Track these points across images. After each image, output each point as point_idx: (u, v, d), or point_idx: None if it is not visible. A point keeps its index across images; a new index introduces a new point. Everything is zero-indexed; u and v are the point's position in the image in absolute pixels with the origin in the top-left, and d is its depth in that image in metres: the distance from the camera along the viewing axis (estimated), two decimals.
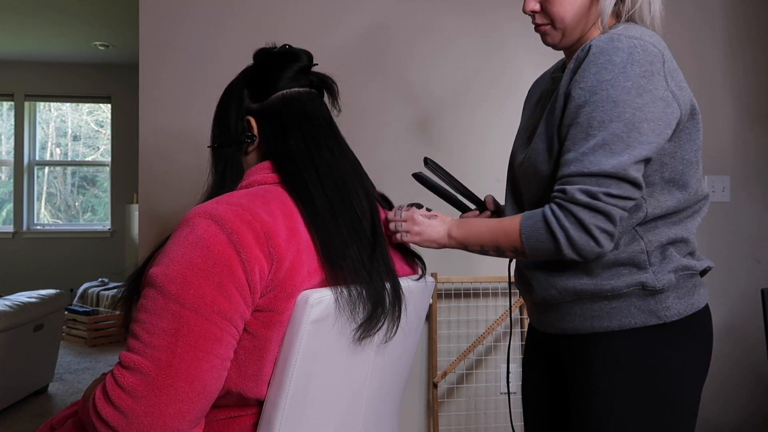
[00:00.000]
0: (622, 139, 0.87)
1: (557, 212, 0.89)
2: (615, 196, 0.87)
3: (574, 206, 0.88)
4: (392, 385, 1.06)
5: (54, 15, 4.25)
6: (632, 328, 0.96)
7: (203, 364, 0.77)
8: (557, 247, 0.90)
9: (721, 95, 2.25)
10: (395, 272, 0.97)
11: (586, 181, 0.88)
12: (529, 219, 0.93)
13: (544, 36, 1.05)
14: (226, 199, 0.86)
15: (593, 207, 0.87)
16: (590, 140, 0.88)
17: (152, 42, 1.92)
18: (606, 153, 0.87)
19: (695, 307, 0.98)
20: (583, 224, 0.87)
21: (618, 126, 0.87)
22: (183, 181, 1.92)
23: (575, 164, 0.89)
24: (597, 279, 0.97)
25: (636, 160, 0.88)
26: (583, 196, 0.87)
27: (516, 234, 0.94)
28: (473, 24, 2.10)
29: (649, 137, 0.88)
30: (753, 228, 2.27)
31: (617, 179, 0.87)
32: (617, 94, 0.88)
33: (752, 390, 2.25)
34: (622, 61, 0.88)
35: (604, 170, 0.87)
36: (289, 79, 1.01)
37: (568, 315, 1.02)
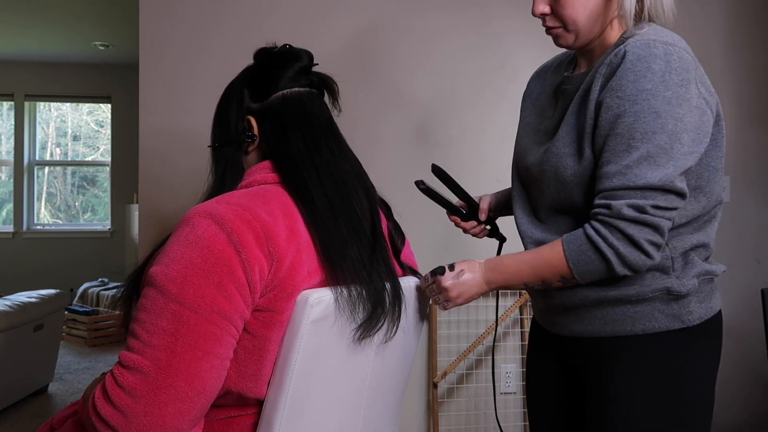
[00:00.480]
0: (666, 151, 0.86)
1: (602, 231, 0.88)
2: (662, 208, 0.86)
3: (621, 222, 0.86)
4: (392, 385, 1.06)
5: (54, 15, 4.25)
6: (656, 332, 0.95)
7: (203, 364, 0.77)
8: (609, 267, 0.88)
9: (721, 95, 2.25)
10: (395, 272, 0.97)
11: (632, 194, 0.86)
12: (573, 243, 0.91)
13: (556, 38, 1.02)
14: (226, 199, 0.86)
15: (641, 221, 0.86)
16: (633, 152, 0.86)
17: (152, 42, 1.92)
18: (651, 166, 0.86)
19: (713, 311, 0.98)
20: (632, 240, 0.86)
21: (661, 138, 0.86)
22: (183, 181, 1.92)
23: (618, 177, 0.87)
24: (622, 285, 0.95)
25: (681, 171, 0.87)
26: (631, 211, 0.86)
27: (562, 263, 0.91)
28: (467, 23, 2.10)
29: (690, 147, 0.88)
30: (753, 228, 2.27)
31: (663, 191, 0.86)
32: (659, 105, 0.86)
33: (752, 390, 2.25)
34: (660, 70, 0.87)
35: (651, 183, 0.85)
36: (289, 78, 1.01)
37: (587, 318, 1.00)
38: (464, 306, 2.08)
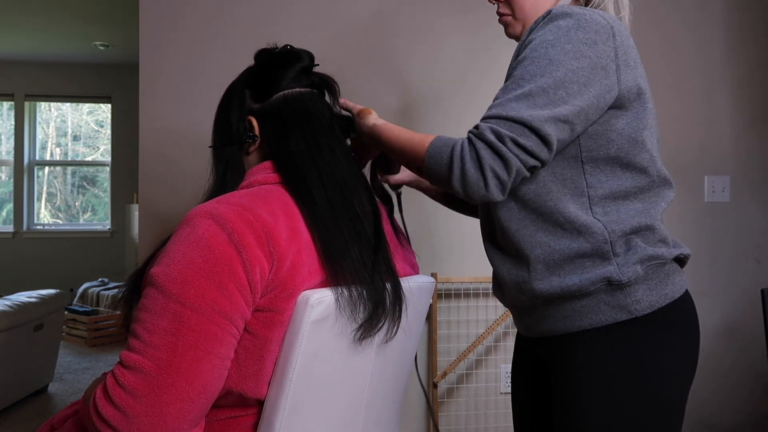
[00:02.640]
0: (547, 94, 0.86)
1: (464, 145, 0.88)
2: (520, 145, 0.85)
3: (480, 143, 0.86)
4: (393, 385, 1.06)
5: (54, 15, 4.25)
6: (603, 325, 0.93)
7: (204, 364, 0.77)
8: (450, 176, 0.89)
9: (721, 95, 2.25)
10: (396, 272, 0.97)
11: (500, 123, 0.86)
12: (439, 141, 0.92)
13: (506, 27, 1.07)
14: (226, 199, 0.86)
15: (495, 148, 0.85)
16: (517, 90, 0.88)
17: (152, 42, 1.92)
18: (527, 103, 0.86)
19: (669, 298, 0.93)
20: (480, 163, 0.86)
21: (546, 81, 0.87)
22: (183, 181, 1.92)
23: (496, 108, 0.88)
24: (563, 278, 0.94)
25: (555, 116, 0.86)
26: (491, 135, 0.86)
27: (422, 149, 0.93)
28: (462, 23, 2.10)
29: (575, 99, 0.87)
30: (753, 228, 2.27)
31: (529, 129, 0.85)
32: (554, 53, 0.88)
33: (752, 390, 2.25)
34: (567, 26, 0.90)
35: (520, 117, 0.85)
36: (290, 79, 1.01)
37: (543, 318, 1.00)
38: (464, 306, 2.09)
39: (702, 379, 2.21)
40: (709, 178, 2.23)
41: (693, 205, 2.22)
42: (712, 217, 2.24)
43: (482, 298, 2.10)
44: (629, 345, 0.92)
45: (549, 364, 1.05)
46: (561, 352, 0.99)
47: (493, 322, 2.08)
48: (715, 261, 2.23)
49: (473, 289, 2.09)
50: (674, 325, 0.94)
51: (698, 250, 2.22)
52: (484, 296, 2.10)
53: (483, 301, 2.10)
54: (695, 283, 2.21)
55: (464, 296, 2.10)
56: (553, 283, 0.95)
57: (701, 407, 2.21)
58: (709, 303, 2.23)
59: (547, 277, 0.95)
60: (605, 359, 0.93)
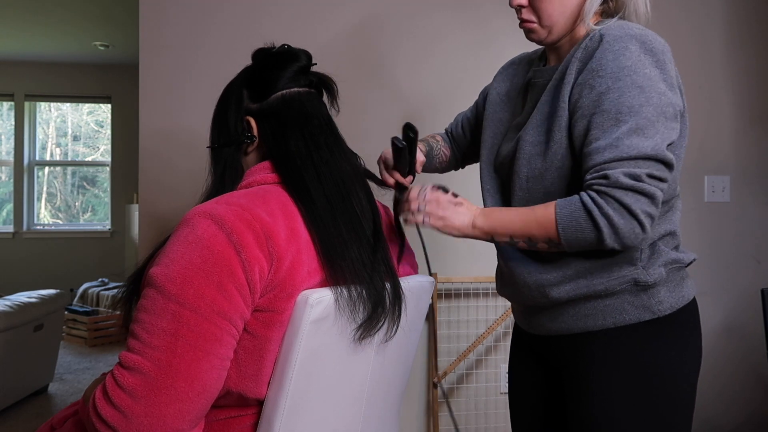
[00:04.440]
0: (653, 124, 0.86)
1: (598, 200, 0.85)
2: (656, 177, 0.86)
3: (618, 191, 0.84)
4: (392, 385, 1.06)
5: (54, 15, 4.25)
6: (627, 324, 0.95)
7: (203, 364, 0.77)
8: (599, 237, 0.86)
9: (721, 95, 2.25)
10: (395, 272, 0.97)
11: (627, 164, 0.85)
12: (565, 208, 0.88)
13: (528, 33, 1.03)
14: (225, 199, 0.86)
15: (638, 189, 0.84)
16: (622, 126, 0.86)
17: (152, 42, 1.92)
18: (641, 137, 0.85)
19: (685, 300, 0.98)
20: (629, 209, 0.84)
21: (648, 110, 0.86)
22: (183, 181, 1.92)
23: (610, 150, 0.86)
24: (591, 280, 0.96)
25: (668, 142, 0.87)
26: (628, 180, 0.84)
27: (551, 224, 0.89)
28: (462, 20, 2.10)
29: (672, 122, 0.89)
30: (753, 228, 2.27)
31: (656, 161, 0.86)
32: (642, 80, 0.87)
33: (753, 390, 2.25)
34: (637, 49, 0.89)
35: (644, 153, 0.85)
36: (288, 79, 1.01)
37: (561, 316, 1.01)
38: (464, 306, 2.09)
39: (702, 379, 2.20)
40: (709, 178, 2.23)
41: (693, 205, 2.22)
42: (712, 217, 2.23)
43: (482, 298, 2.10)
44: (651, 343, 0.95)
45: (562, 364, 1.04)
46: (577, 349, 1.00)
47: (493, 322, 2.07)
48: (715, 261, 2.23)
49: (473, 289, 2.09)
50: (688, 324, 0.98)
51: (698, 250, 2.22)
52: (484, 296, 2.10)
53: (483, 301, 2.10)
54: (696, 284, 2.20)
55: (464, 296, 2.09)
56: (580, 284, 0.96)
57: (702, 407, 2.21)
58: (710, 303, 2.23)
59: (575, 280, 0.97)
60: (628, 357, 0.95)
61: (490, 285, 2.09)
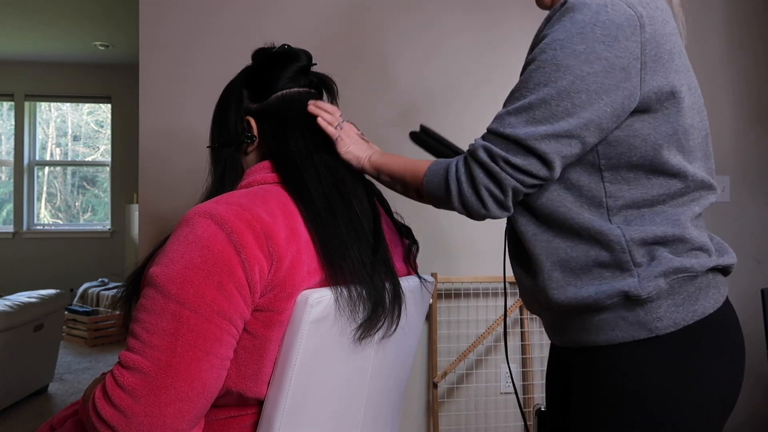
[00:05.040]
0: (549, 106, 0.78)
1: (459, 165, 0.87)
2: (514, 165, 0.81)
3: (473, 163, 0.85)
4: (392, 385, 1.06)
5: (54, 15, 4.25)
6: (620, 342, 0.83)
7: (203, 364, 0.77)
8: (448, 197, 0.88)
9: (721, 95, 2.25)
10: (395, 272, 0.97)
11: (495, 141, 0.83)
12: (436, 165, 0.91)
13: None
14: (225, 199, 0.86)
15: (488, 168, 0.83)
16: (519, 101, 0.81)
17: (152, 42, 1.92)
18: (526, 117, 0.80)
19: (699, 315, 0.81)
20: (474, 183, 0.84)
21: (549, 91, 0.78)
22: (183, 181, 1.92)
23: (495, 121, 0.84)
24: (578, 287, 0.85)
25: (555, 133, 0.78)
26: (484, 155, 0.83)
27: (421, 175, 0.93)
28: (467, 22, 2.10)
29: (582, 111, 0.78)
30: (753, 228, 2.27)
31: (524, 149, 0.80)
32: (563, 57, 0.78)
33: (753, 390, 2.25)
34: (583, 20, 0.78)
35: (515, 135, 0.80)
36: (288, 79, 1.01)
37: (563, 328, 0.93)
38: (464, 306, 2.09)
39: None
40: None
41: None
42: (712, 217, 2.23)
43: (482, 298, 2.10)
44: (644, 367, 0.81)
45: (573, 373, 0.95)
46: (577, 366, 0.92)
47: (493, 322, 2.07)
48: None
49: (473, 289, 2.09)
50: (704, 345, 0.82)
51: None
52: (484, 296, 2.10)
53: (483, 301, 2.10)
54: None
55: (464, 296, 2.09)
56: (569, 293, 0.86)
57: None
58: None
59: (563, 286, 0.87)
60: (616, 381, 0.83)
61: (490, 285, 2.09)
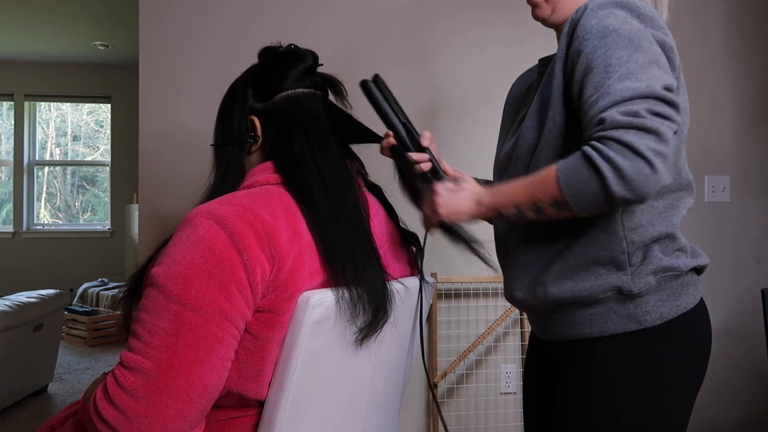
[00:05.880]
0: (646, 69, 0.79)
1: (597, 145, 0.75)
2: (657, 113, 0.75)
3: (617, 131, 0.74)
4: (393, 385, 1.06)
5: (54, 15, 4.25)
6: (612, 334, 0.91)
7: (204, 365, 0.77)
8: (604, 185, 0.74)
9: (721, 95, 2.25)
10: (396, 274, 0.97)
11: (623, 105, 0.76)
12: (566, 162, 0.79)
13: (534, 8, 1.02)
14: (227, 200, 0.85)
15: (638, 126, 0.73)
16: (612, 75, 0.80)
17: (152, 42, 1.92)
18: (633, 80, 0.78)
19: (681, 309, 0.92)
20: (631, 147, 0.73)
21: (639, 56, 0.80)
22: (183, 181, 1.92)
23: (602, 99, 0.78)
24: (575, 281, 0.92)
25: (665, 84, 0.78)
26: (626, 117, 0.74)
27: (553, 181, 0.79)
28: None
29: (666, 73, 0.82)
30: (753, 228, 2.27)
31: (654, 98, 0.76)
32: (630, 32, 0.83)
33: (753, 390, 2.25)
34: (623, 12, 0.85)
35: (639, 92, 0.77)
36: (293, 79, 1.01)
37: (554, 321, 1.00)
38: (464, 306, 2.09)
39: None
40: (709, 178, 2.23)
41: (693, 205, 2.21)
42: (712, 217, 2.23)
43: (482, 298, 2.10)
44: (636, 356, 0.90)
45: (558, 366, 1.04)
46: (569, 357, 0.99)
47: (493, 322, 2.07)
48: (715, 261, 2.23)
49: (473, 289, 2.09)
50: (683, 336, 0.92)
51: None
52: (484, 296, 2.10)
53: (483, 301, 2.10)
54: None
55: (464, 296, 2.09)
56: (566, 287, 0.93)
57: (703, 407, 2.21)
58: (710, 303, 2.21)
59: (560, 280, 0.94)
60: (609, 369, 0.91)
61: (490, 285, 2.09)
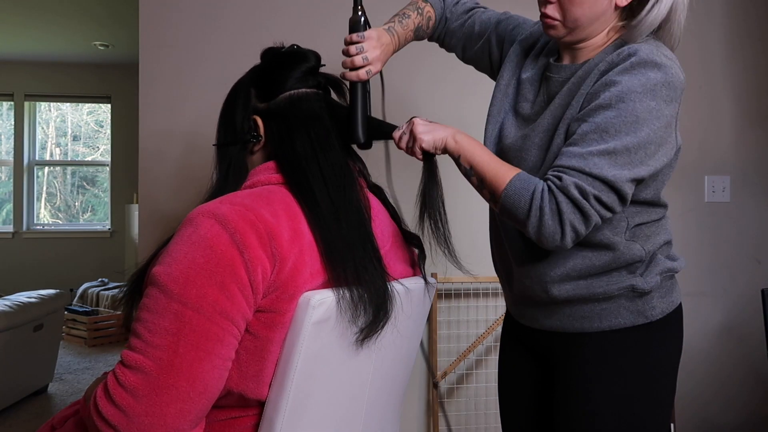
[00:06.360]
0: (630, 154, 0.88)
1: (545, 194, 0.89)
2: (602, 203, 0.88)
3: (562, 196, 0.87)
4: (393, 385, 1.06)
5: (54, 15, 4.25)
6: (621, 328, 1.00)
7: (204, 364, 0.77)
8: (525, 222, 0.90)
9: (721, 95, 2.25)
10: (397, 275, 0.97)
11: (584, 179, 0.88)
12: (521, 182, 0.91)
13: (548, 28, 1.00)
14: (229, 199, 0.86)
15: (579, 205, 0.87)
16: (600, 144, 0.88)
17: (152, 42, 1.92)
18: (611, 162, 0.87)
19: (674, 305, 1.04)
20: (560, 216, 0.87)
21: (631, 140, 0.88)
22: (183, 181, 1.92)
23: (578, 160, 0.88)
24: (591, 282, 1.00)
25: (634, 177, 0.89)
26: (575, 192, 0.87)
27: (502, 185, 0.92)
28: None
29: (651, 160, 0.90)
30: (753, 228, 2.27)
31: (611, 189, 0.88)
32: (641, 110, 0.88)
33: (753, 390, 2.25)
34: (656, 80, 0.89)
35: (604, 176, 0.87)
36: (296, 79, 1.01)
37: (557, 314, 1.04)
38: (464, 306, 2.09)
39: (702, 379, 2.21)
40: (709, 178, 2.23)
41: (693, 205, 2.22)
42: (712, 217, 2.24)
43: (482, 298, 2.10)
44: (641, 346, 1.01)
45: (553, 357, 1.08)
46: (568, 349, 1.04)
47: (493, 322, 2.07)
48: (715, 261, 2.23)
49: (473, 289, 2.09)
50: (673, 328, 1.05)
51: (698, 250, 2.22)
52: (484, 296, 2.10)
53: (483, 301, 2.10)
54: (695, 284, 2.21)
55: (464, 296, 2.10)
56: (581, 285, 1.00)
57: (703, 407, 2.21)
58: (709, 303, 2.23)
59: (576, 280, 1.00)
60: (618, 358, 1.01)
61: (490, 285, 2.09)
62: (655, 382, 1.01)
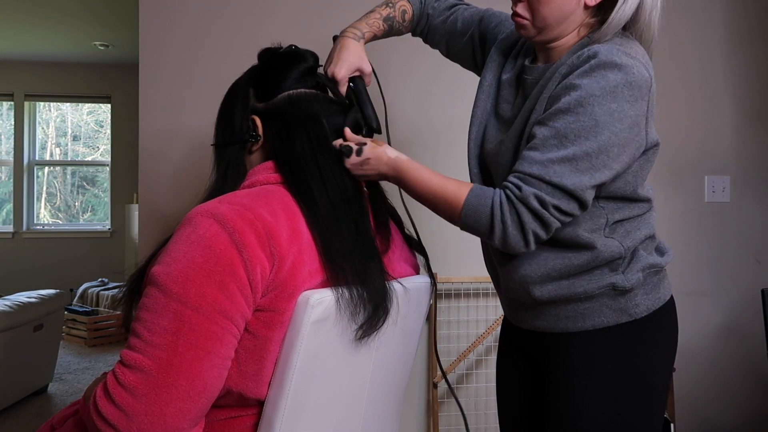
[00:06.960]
0: (591, 160, 0.88)
1: (504, 206, 0.90)
2: (562, 210, 0.89)
3: (523, 207, 0.89)
4: (393, 385, 1.06)
5: (54, 15, 4.25)
6: (605, 327, 1.00)
7: (204, 363, 0.77)
8: (490, 236, 0.92)
9: (721, 95, 2.25)
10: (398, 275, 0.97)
11: (543, 188, 0.88)
12: (476, 198, 0.92)
13: (519, 27, 1.00)
14: (228, 199, 0.86)
15: (539, 215, 0.89)
16: (560, 150, 0.88)
17: (152, 42, 1.92)
18: (571, 168, 0.88)
19: (661, 301, 1.02)
20: (522, 227, 0.89)
21: (591, 145, 0.87)
22: (183, 181, 1.92)
23: (538, 167, 0.89)
24: (572, 281, 0.99)
25: (595, 183, 0.89)
26: (535, 203, 0.88)
27: (458, 207, 0.93)
28: None
29: (614, 163, 0.90)
30: (753, 228, 2.27)
31: (570, 197, 0.89)
32: (600, 114, 0.87)
33: (753, 390, 2.25)
34: (615, 81, 0.88)
35: (564, 185, 0.88)
36: (295, 79, 1.01)
37: (542, 315, 1.04)
38: (464, 306, 2.09)
39: (702, 379, 2.21)
40: (709, 178, 2.23)
41: (693, 205, 2.22)
42: (712, 217, 2.23)
43: (482, 298, 2.10)
44: (627, 344, 1.00)
45: (543, 359, 1.08)
46: (557, 349, 1.04)
47: (493, 322, 2.07)
48: (715, 261, 2.23)
49: (473, 289, 2.09)
50: (663, 324, 1.03)
51: (698, 250, 2.22)
52: (484, 296, 2.10)
53: (483, 301, 2.10)
54: (695, 284, 2.21)
55: (464, 296, 2.10)
56: (562, 285, 1.00)
57: (703, 407, 2.21)
58: (709, 303, 2.23)
59: (556, 281, 1.00)
60: (604, 358, 1.00)
61: (489, 285, 2.09)
62: (645, 382, 0.99)
